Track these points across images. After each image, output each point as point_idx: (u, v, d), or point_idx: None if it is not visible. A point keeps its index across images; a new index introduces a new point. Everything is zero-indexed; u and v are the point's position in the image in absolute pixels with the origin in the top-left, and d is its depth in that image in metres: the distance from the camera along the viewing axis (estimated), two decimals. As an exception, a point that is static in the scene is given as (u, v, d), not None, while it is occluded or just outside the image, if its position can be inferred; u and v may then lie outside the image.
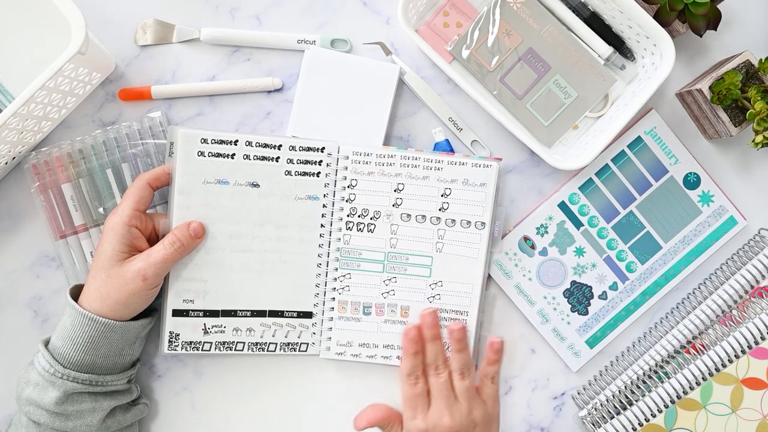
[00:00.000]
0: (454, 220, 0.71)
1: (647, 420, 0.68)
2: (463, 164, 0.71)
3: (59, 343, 0.64)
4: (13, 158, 0.71)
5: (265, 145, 0.69)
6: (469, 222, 0.71)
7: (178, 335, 0.69)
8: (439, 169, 0.71)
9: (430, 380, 0.68)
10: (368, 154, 0.71)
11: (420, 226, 0.71)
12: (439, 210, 0.71)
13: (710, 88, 0.70)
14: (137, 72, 0.75)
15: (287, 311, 0.71)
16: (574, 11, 0.74)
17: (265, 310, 0.71)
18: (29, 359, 0.66)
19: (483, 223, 0.72)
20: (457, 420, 0.66)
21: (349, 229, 0.71)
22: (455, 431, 0.65)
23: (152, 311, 0.70)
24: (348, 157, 0.71)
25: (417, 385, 0.67)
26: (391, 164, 0.71)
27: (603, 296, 0.75)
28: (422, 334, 0.69)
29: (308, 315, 0.72)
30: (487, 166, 0.71)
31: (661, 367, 0.71)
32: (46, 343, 0.65)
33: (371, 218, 0.71)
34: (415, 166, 0.71)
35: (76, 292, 0.66)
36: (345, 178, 0.71)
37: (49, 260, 0.74)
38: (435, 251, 0.71)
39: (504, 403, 0.75)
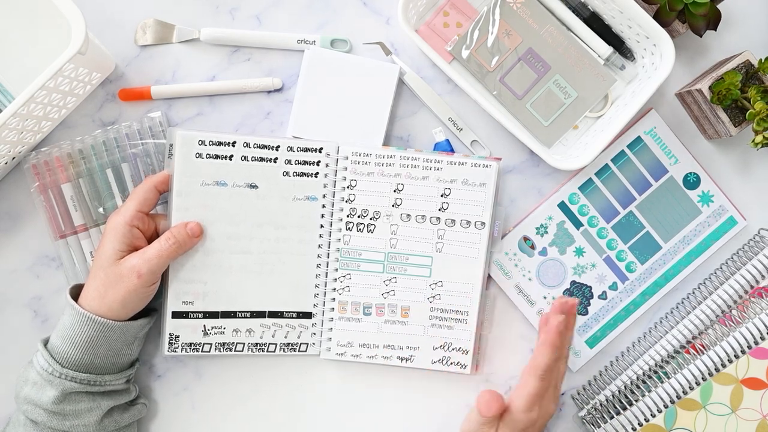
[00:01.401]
0: (454, 220, 0.71)
1: (647, 420, 0.68)
2: (462, 164, 0.71)
3: (58, 342, 0.64)
4: (13, 158, 0.71)
5: (263, 146, 0.69)
6: (469, 222, 0.72)
7: (177, 337, 0.70)
8: (438, 169, 0.71)
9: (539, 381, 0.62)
10: (368, 155, 0.71)
11: (420, 226, 0.71)
12: (439, 210, 0.71)
13: (710, 88, 0.70)
14: (137, 72, 0.75)
15: (287, 312, 0.71)
16: (574, 11, 0.74)
17: (265, 311, 0.71)
18: (29, 359, 0.66)
19: (483, 223, 0.72)
20: (552, 407, 0.63)
21: (348, 229, 0.71)
22: (548, 418, 0.63)
23: (151, 311, 0.70)
24: (347, 158, 0.71)
25: (548, 380, 0.62)
26: (390, 164, 0.71)
27: (603, 296, 0.75)
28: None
29: (308, 315, 0.72)
30: (487, 166, 0.71)
31: (661, 367, 0.71)
32: (45, 343, 0.65)
33: (371, 218, 0.71)
34: (415, 167, 0.71)
35: (76, 292, 0.66)
36: (345, 179, 0.71)
37: (49, 260, 0.74)
38: (435, 251, 0.71)
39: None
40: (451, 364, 0.73)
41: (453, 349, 0.72)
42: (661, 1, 0.68)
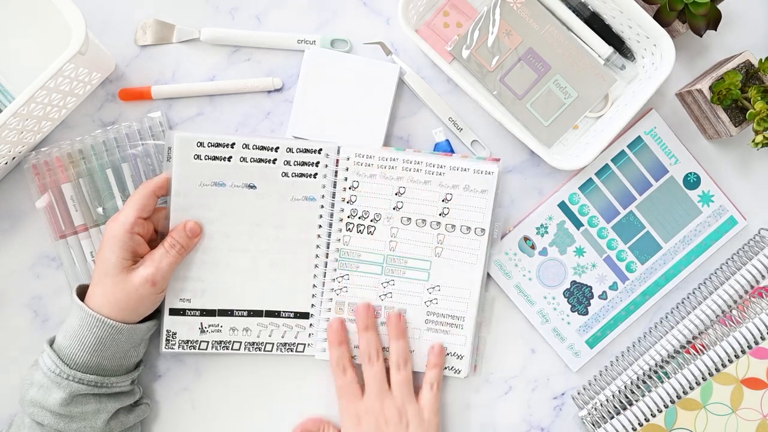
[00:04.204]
0: (454, 226, 0.71)
1: (647, 420, 0.68)
2: (465, 170, 0.71)
3: (65, 343, 0.64)
4: (13, 158, 0.71)
5: (262, 148, 0.69)
6: (469, 228, 0.71)
7: (175, 334, 0.70)
8: (440, 174, 0.71)
9: (364, 370, 0.70)
10: (370, 156, 0.71)
11: (420, 230, 0.71)
12: (440, 215, 0.71)
13: (710, 88, 0.70)
14: (137, 72, 0.75)
15: (284, 311, 0.71)
16: (574, 11, 0.74)
17: (262, 310, 0.71)
18: (33, 360, 0.66)
19: (483, 230, 0.71)
20: (388, 410, 0.67)
21: (348, 230, 0.71)
22: (385, 419, 0.67)
23: (156, 313, 0.71)
24: (349, 158, 0.71)
25: (346, 375, 0.69)
26: (393, 167, 0.71)
27: (603, 296, 0.75)
28: (343, 326, 0.71)
29: (305, 315, 0.72)
30: (489, 173, 0.71)
31: (661, 367, 0.71)
32: (51, 343, 0.65)
33: (371, 220, 0.71)
34: (417, 170, 0.71)
35: (80, 293, 0.66)
36: (346, 179, 0.71)
37: (49, 260, 0.74)
38: (434, 256, 0.71)
39: (504, 403, 0.75)
40: (446, 368, 0.72)
41: (448, 354, 0.72)
42: (661, 1, 0.68)
